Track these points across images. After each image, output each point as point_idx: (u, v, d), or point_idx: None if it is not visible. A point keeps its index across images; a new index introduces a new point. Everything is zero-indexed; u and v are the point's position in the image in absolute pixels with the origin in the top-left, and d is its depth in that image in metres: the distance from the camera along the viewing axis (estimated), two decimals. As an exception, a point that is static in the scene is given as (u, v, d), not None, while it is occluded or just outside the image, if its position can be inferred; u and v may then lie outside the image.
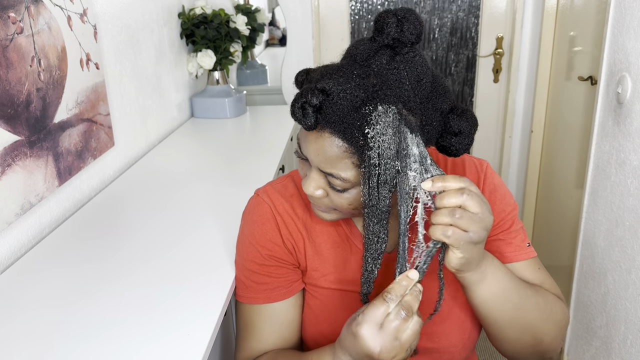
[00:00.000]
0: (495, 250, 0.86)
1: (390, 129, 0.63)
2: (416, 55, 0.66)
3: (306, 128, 0.67)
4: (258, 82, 2.86)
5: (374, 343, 0.64)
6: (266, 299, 0.85)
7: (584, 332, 1.63)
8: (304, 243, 0.85)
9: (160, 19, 1.91)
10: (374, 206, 0.66)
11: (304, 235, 0.85)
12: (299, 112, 0.66)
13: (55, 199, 1.25)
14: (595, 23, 1.75)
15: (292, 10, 2.53)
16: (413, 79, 0.65)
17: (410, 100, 0.65)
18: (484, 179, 0.87)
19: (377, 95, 0.64)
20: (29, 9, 1.13)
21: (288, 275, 0.86)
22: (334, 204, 0.74)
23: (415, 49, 0.66)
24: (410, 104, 0.65)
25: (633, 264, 1.31)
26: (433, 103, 0.68)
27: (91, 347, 0.80)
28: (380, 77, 0.65)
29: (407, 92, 0.65)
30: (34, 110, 1.15)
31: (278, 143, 1.82)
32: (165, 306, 0.90)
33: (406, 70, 0.65)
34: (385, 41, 0.65)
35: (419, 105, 0.67)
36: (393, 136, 0.63)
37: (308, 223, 0.86)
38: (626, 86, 1.33)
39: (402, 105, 0.65)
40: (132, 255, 1.08)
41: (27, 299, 0.94)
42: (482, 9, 2.49)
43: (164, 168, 1.62)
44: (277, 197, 0.87)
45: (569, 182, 1.99)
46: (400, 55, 0.65)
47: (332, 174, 0.69)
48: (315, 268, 0.86)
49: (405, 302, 0.65)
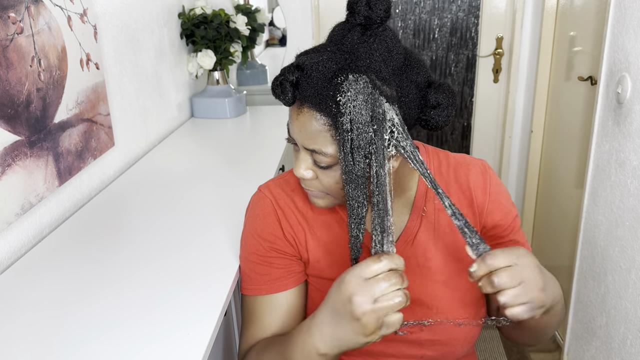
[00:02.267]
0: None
1: (361, 95, 0.66)
2: (385, 30, 0.71)
3: (285, 103, 0.71)
4: (258, 82, 2.86)
5: (352, 288, 0.64)
6: (269, 289, 0.87)
7: (584, 332, 1.63)
8: (305, 235, 0.87)
9: (160, 19, 1.91)
10: (350, 171, 0.69)
11: (304, 227, 0.87)
12: (277, 89, 0.71)
13: (55, 199, 1.25)
14: (595, 23, 1.75)
15: (292, 10, 2.53)
16: (383, 51, 0.69)
17: (382, 70, 0.69)
18: (489, 181, 0.88)
19: (348, 66, 0.68)
20: (29, 9, 1.13)
21: (290, 267, 0.87)
22: (323, 186, 0.76)
23: (384, 26, 0.71)
24: (382, 74, 0.69)
25: (633, 264, 1.31)
26: (407, 75, 0.72)
27: (91, 347, 0.80)
28: (352, 51, 0.70)
29: (377, 63, 0.69)
30: (34, 110, 1.15)
31: (278, 143, 1.82)
32: (166, 306, 0.90)
33: (376, 43, 0.69)
34: (357, 20, 0.70)
35: (392, 77, 0.70)
36: (364, 102, 0.66)
37: (309, 216, 0.87)
38: (626, 86, 1.33)
39: (375, 75, 0.68)
40: (132, 255, 1.08)
41: (26, 299, 0.94)
42: (482, 9, 2.49)
43: (164, 168, 1.62)
44: (279, 191, 0.89)
45: (569, 182, 1.99)
46: (370, 30, 0.70)
47: (314, 150, 0.72)
48: (317, 259, 0.87)
49: (400, 272, 0.65)
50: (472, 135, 2.72)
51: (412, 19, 2.53)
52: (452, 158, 0.90)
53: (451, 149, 2.76)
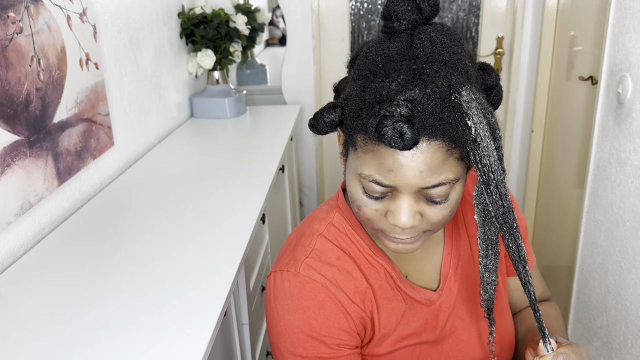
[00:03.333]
0: None
1: (479, 106, 0.59)
2: (440, 24, 0.63)
3: (408, 147, 0.57)
4: (258, 82, 2.86)
5: None
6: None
7: (585, 332, 1.63)
8: (373, 308, 0.73)
9: (160, 19, 1.91)
10: (507, 212, 0.61)
11: (371, 297, 0.73)
12: (395, 134, 0.56)
13: (54, 199, 1.25)
14: (596, 23, 1.75)
15: (292, 10, 2.53)
16: (457, 44, 0.62)
17: (469, 68, 0.62)
18: None
19: (448, 78, 0.59)
20: (28, 9, 1.12)
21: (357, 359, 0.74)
22: (430, 224, 0.65)
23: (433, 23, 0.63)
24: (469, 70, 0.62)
25: (633, 264, 1.31)
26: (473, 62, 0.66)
27: (91, 347, 0.80)
28: (434, 59, 0.61)
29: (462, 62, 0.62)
30: (33, 110, 1.15)
31: (278, 143, 1.82)
32: (165, 306, 0.89)
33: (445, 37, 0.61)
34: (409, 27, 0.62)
35: (471, 68, 0.63)
36: (483, 113, 0.59)
37: (370, 282, 0.74)
38: (627, 86, 1.32)
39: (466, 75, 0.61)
40: (132, 256, 1.07)
41: (26, 300, 0.94)
42: (483, 9, 2.49)
43: (164, 168, 1.62)
44: (325, 267, 0.72)
45: (570, 182, 1.99)
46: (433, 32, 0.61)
47: (439, 183, 0.61)
48: (382, 334, 0.75)
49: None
50: (472, 135, 2.72)
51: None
52: None
53: (451, 148, 2.76)
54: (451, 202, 0.64)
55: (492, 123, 0.59)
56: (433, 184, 0.61)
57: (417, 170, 0.59)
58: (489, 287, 0.70)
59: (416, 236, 0.66)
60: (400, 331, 0.75)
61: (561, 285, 1.99)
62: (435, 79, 0.58)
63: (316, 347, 0.69)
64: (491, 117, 0.59)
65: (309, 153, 2.72)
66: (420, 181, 0.60)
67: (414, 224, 0.64)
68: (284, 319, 0.71)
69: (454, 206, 0.65)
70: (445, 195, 0.62)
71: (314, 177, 2.77)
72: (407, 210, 0.63)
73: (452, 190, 0.63)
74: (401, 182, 0.61)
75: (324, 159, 2.73)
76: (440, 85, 0.58)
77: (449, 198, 0.63)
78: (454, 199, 0.64)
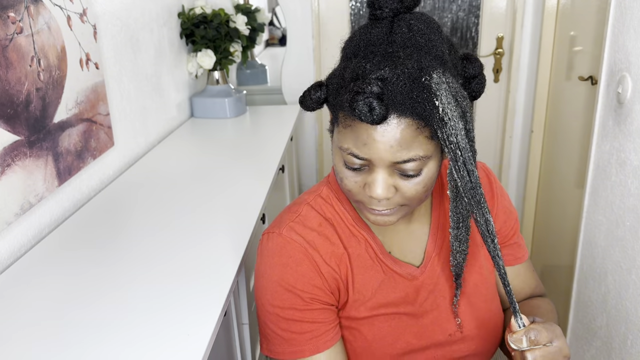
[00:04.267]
0: (511, 254, 0.90)
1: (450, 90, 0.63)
2: (420, 13, 0.68)
3: (377, 121, 0.63)
4: (258, 82, 2.86)
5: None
6: (314, 349, 0.77)
7: (584, 332, 1.63)
8: (347, 271, 0.79)
9: (160, 19, 1.91)
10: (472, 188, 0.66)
11: (346, 262, 0.79)
12: (364, 108, 0.62)
13: (54, 199, 1.25)
14: (596, 23, 1.75)
15: (292, 10, 2.53)
16: (434, 31, 0.67)
17: (444, 53, 0.67)
18: (494, 182, 0.89)
19: (420, 61, 0.64)
20: (28, 9, 1.13)
21: (333, 318, 0.79)
22: (405, 198, 0.71)
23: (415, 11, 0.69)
24: (444, 57, 0.66)
25: (633, 264, 1.31)
26: (454, 50, 0.70)
27: (91, 347, 0.80)
28: (410, 44, 0.66)
29: (435, 43, 0.66)
30: (33, 110, 1.15)
31: (278, 143, 1.82)
32: (166, 306, 0.89)
33: (423, 25, 0.66)
34: (390, 14, 0.67)
35: (449, 57, 0.68)
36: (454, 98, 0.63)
37: (348, 249, 0.80)
38: (626, 86, 1.33)
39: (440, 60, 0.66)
40: (132, 256, 1.07)
41: (26, 300, 0.94)
42: (482, 9, 2.49)
43: (164, 168, 1.62)
44: (306, 231, 0.79)
45: (570, 182, 1.99)
46: (412, 19, 0.67)
47: (409, 159, 0.66)
48: (355, 298, 0.80)
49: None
50: (472, 135, 2.71)
51: (412, 18, 2.53)
52: None
53: (451, 148, 2.76)
54: (424, 178, 0.69)
55: (463, 106, 0.64)
56: (404, 159, 0.66)
57: (388, 145, 0.65)
58: (458, 255, 0.76)
59: (392, 209, 0.72)
60: (377, 299, 0.80)
61: (561, 285, 1.99)
62: (406, 61, 0.64)
63: (291, 300, 0.76)
64: (463, 101, 0.64)
65: (309, 153, 2.72)
66: (391, 155, 0.66)
67: (387, 195, 0.69)
68: (266, 274, 0.78)
69: (427, 183, 0.70)
70: (417, 170, 0.68)
71: (314, 177, 2.77)
72: (381, 183, 0.68)
73: (424, 166, 0.68)
74: (375, 155, 0.66)
75: (324, 159, 2.73)
76: (410, 67, 0.63)
77: (422, 174, 0.68)
78: (427, 176, 0.69)
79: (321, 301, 0.77)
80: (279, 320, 0.77)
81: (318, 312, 0.77)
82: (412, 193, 0.70)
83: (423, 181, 0.69)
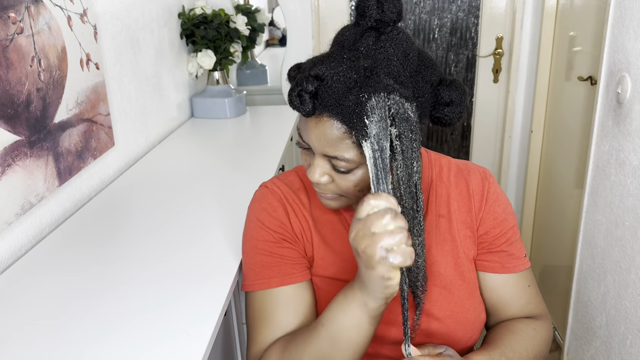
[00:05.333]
0: (498, 261, 0.88)
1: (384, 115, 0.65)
2: (400, 33, 0.70)
3: (305, 114, 0.70)
4: (258, 82, 2.86)
5: (355, 228, 0.63)
6: (280, 281, 0.84)
7: (584, 332, 1.63)
8: (311, 233, 0.87)
9: (160, 19, 1.91)
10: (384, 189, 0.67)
11: (310, 225, 0.87)
12: (296, 99, 0.69)
13: (55, 199, 1.25)
14: (595, 23, 1.75)
15: (292, 10, 2.53)
16: (400, 55, 0.69)
17: (401, 74, 0.69)
18: (488, 187, 0.89)
19: (369, 76, 0.67)
20: (29, 9, 1.13)
21: (300, 259, 0.86)
22: (340, 189, 0.76)
23: (398, 27, 0.71)
24: (401, 78, 0.69)
25: (633, 263, 1.31)
26: (422, 76, 0.73)
27: (91, 347, 0.80)
28: (369, 57, 0.69)
29: (396, 68, 0.69)
30: (34, 110, 1.15)
31: (278, 143, 1.83)
32: (166, 306, 0.90)
33: (392, 47, 0.69)
34: (369, 24, 0.69)
35: (409, 79, 0.71)
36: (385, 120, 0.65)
37: (314, 214, 0.88)
38: (626, 86, 1.33)
39: (394, 80, 0.68)
40: (132, 255, 1.08)
41: (26, 300, 0.94)
42: (482, 9, 2.49)
43: (164, 168, 1.62)
44: (286, 188, 0.90)
45: (569, 182, 1.99)
46: (385, 35, 0.70)
47: (336, 157, 0.71)
48: (321, 257, 0.87)
49: (395, 210, 0.63)
50: (472, 135, 2.72)
51: (412, 19, 2.53)
52: (453, 164, 0.91)
53: (451, 149, 2.76)
54: (356, 178, 0.73)
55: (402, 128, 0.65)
56: (330, 154, 0.72)
57: (316, 137, 0.71)
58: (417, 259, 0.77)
59: (331, 196, 0.78)
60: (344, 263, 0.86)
61: (560, 285, 2.00)
62: (353, 68, 0.67)
63: (265, 235, 0.86)
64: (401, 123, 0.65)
65: (309, 153, 2.72)
66: (320, 148, 0.72)
67: (320, 181, 0.75)
68: (249, 216, 0.90)
69: (359, 184, 0.74)
70: (347, 168, 0.72)
71: (313, 177, 2.76)
72: (315, 168, 0.75)
73: (356, 169, 0.72)
74: (310, 143, 0.73)
75: (324, 159, 2.73)
76: (352, 75, 0.67)
77: (354, 174, 0.73)
78: (359, 178, 0.73)
79: (289, 241, 0.86)
80: (254, 254, 0.87)
81: (287, 251, 0.86)
82: (344, 187, 0.75)
83: (354, 180, 0.74)
